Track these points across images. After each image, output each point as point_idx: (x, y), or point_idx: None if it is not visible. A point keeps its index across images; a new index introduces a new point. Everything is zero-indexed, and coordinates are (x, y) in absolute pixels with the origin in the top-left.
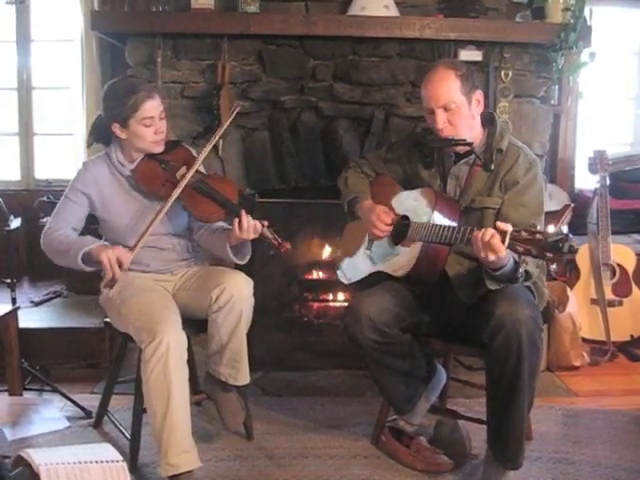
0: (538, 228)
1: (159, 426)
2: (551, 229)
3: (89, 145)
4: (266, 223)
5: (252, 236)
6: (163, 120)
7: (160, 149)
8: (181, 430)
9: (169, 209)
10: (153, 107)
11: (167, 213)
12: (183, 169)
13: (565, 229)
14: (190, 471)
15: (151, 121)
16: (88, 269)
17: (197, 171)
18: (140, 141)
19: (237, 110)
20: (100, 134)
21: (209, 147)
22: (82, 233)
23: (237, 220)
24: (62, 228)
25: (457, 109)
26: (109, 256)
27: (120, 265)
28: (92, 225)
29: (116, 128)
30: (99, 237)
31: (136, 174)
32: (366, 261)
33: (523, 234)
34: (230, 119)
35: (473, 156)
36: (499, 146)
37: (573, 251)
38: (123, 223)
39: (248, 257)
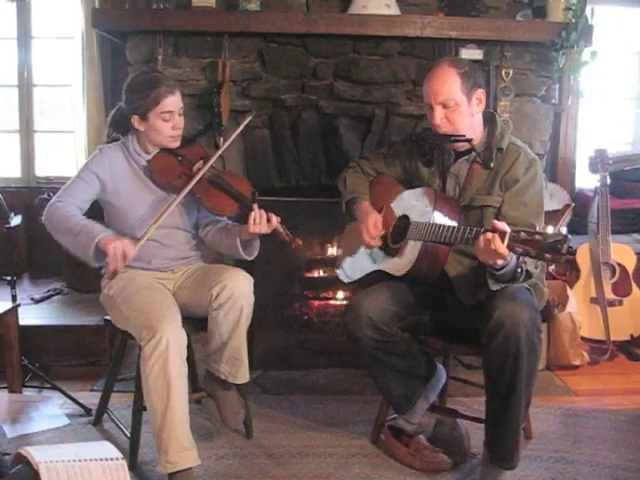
0: (537, 229)
1: (159, 424)
2: (550, 230)
3: (108, 135)
4: (279, 218)
5: (265, 230)
6: (181, 117)
7: (176, 145)
8: (181, 428)
9: (182, 202)
10: (173, 102)
11: (179, 206)
12: (200, 163)
13: (564, 230)
14: (189, 469)
15: (170, 116)
16: (93, 262)
17: (212, 166)
18: (157, 135)
19: (249, 119)
20: (118, 125)
21: (227, 144)
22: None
23: (251, 214)
24: (69, 205)
25: (456, 107)
26: (115, 247)
27: (124, 257)
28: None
29: (135, 120)
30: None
31: (152, 164)
32: (366, 260)
33: (522, 235)
34: (243, 126)
35: (473, 154)
36: (499, 145)
37: (571, 253)
38: (133, 212)
39: (256, 253)
